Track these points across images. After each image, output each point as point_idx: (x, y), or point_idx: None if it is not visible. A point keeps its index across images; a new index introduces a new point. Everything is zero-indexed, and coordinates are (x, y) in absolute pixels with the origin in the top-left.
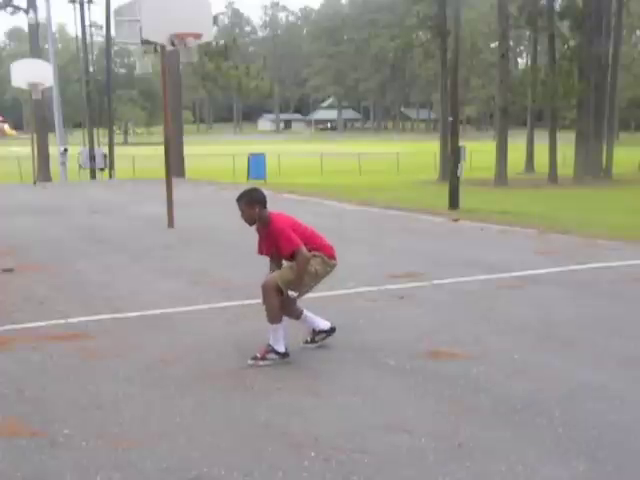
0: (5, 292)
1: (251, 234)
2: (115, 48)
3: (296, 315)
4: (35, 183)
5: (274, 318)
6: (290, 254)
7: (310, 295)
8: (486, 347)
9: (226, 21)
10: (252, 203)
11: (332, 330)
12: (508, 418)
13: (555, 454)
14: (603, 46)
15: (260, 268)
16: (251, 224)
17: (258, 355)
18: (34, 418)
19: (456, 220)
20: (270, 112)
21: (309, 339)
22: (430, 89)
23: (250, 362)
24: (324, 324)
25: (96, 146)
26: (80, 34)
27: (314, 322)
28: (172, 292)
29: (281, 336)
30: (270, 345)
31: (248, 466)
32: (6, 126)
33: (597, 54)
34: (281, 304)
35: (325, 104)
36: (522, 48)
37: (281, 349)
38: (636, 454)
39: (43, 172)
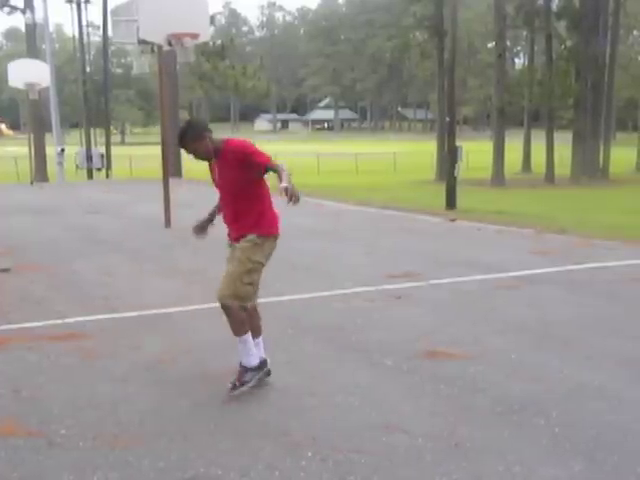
0: (2, 292)
1: None
2: (112, 48)
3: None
4: (32, 183)
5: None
6: (266, 164)
7: (308, 295)
8: (484, 347)
9: (223, 21)
10: (201, 134)
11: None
12: (506, 418)
13: (553, 454)
14: (600, 46)
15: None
16: (211, 158)
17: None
18: (31, 418)
19: (453, 220)
20: (267, 112)
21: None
22: (427, 89)
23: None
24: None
25: (93, 146)
26: (77, 34)
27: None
28: (170, 292)
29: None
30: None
31: (245, 466)
32: (3, 126)
33: (594, 54)
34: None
35: (322, 104)
36: (519, 48)
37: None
38: (634, 454)
39: (40, 172)
